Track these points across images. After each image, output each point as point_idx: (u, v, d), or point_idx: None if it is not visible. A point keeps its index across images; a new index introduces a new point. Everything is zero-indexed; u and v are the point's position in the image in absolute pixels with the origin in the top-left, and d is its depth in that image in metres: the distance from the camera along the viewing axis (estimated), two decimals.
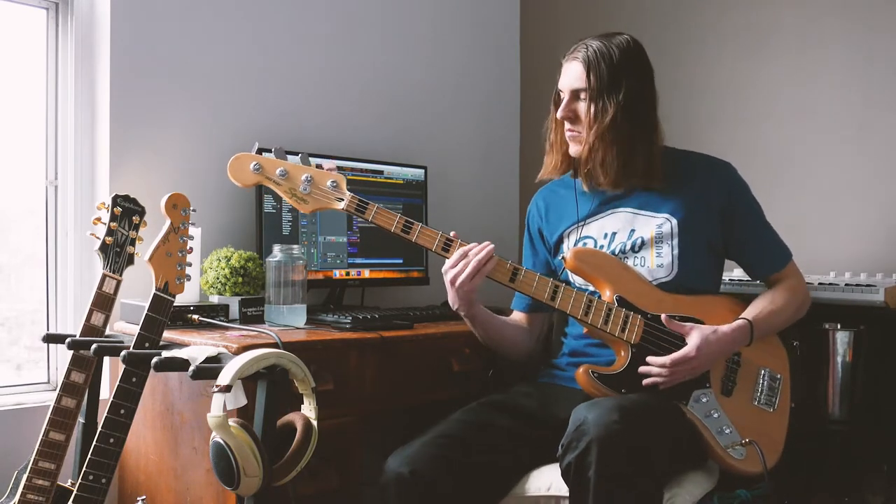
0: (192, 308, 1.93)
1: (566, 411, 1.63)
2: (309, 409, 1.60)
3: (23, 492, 1.67)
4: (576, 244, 1.88)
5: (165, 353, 1.58)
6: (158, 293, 1.66)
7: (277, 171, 1.70)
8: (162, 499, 1.90)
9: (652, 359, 1.69)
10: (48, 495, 1.68)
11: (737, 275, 2.16)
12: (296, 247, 2.03)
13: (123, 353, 1.61)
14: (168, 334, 1.77)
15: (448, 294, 1.78)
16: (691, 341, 1.68)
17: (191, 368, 1.51)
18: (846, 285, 1.99)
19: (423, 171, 2.58)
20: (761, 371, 1.80)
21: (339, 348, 1.84)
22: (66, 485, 1.71)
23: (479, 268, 1.71)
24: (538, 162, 1.96)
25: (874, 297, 1.94)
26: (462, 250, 1.73)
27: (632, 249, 1.82)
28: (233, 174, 1.70)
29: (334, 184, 1.72)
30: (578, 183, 1.91)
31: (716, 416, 1.72)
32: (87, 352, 1.68)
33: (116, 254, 1.73)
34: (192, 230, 1.75)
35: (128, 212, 1.75)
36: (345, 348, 1.85)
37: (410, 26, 2.78)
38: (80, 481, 1.62)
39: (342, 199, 1.72)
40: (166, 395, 1.89)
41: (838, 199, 2.35)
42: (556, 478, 1.66)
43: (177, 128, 2.25)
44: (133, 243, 1.75)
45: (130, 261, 1.75)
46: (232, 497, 1.67)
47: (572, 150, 1.84)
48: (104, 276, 1.71)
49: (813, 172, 2.40)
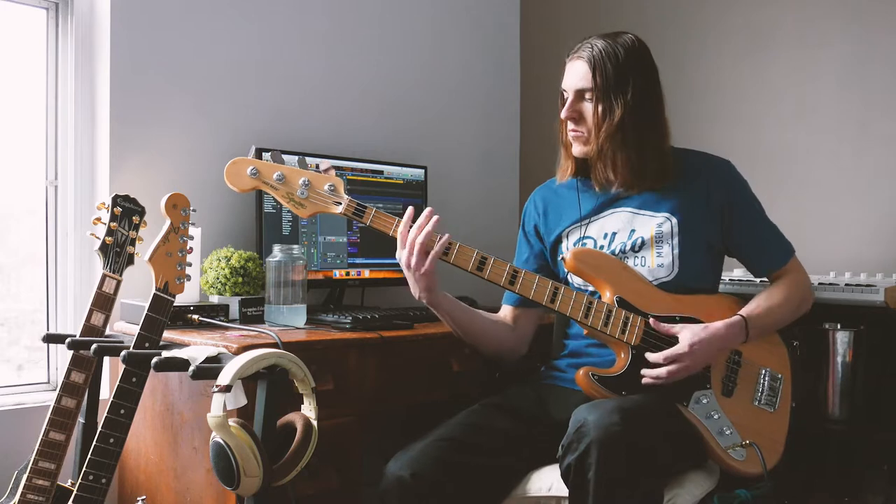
0: (192, 308, 1.93)
1: (566, 413, 1.62)
2: (309, 409, 1.60)
3: (23, 492, 1.67)
4: (575, 244, 1.88)
5: (165, 353, 1.57)
6: (158, 293, 1.66)
7: (274, 176, 1.69)
8: (162, 499, 1.90)
9: (649, 355, 1.69)
10: (48, 495, 1.68)
11: (737, 275, 2.16)
12: (296, 247, 2.03)
13: (123, 353, 1.61)
14: (168, 334, 1.77)
15: (410, 284, 1.78)
16: (682, 339, 1.68)
17: (191, 368, 1.51)
18: (846, 285, 1.99)
19: (423, 171, 2.58)
20: (762, 371, 1.80)
21: (339, 348, 1.84)
22: (66, 485, 1.71)
23: (424, 248, 1.70)
24: (538, 162, 1.97)
25: (874, 297, 1.94)
26: (401, 233, 1.73)
27: (632, 249, 1.82)
28: (230, 179, 1.69)
29: (332, 187, 1.71)
30: (580, 182, 1.91)
31: (716, 417, 1.71)
32: (87, 352, 1.68)
33: (116, 254, 1.73)
34: (192, 230, 1.75)
35: (128, 212, 1.75)
36: (345, 348, 1.85)
37: (410, 26, 2.78)
38: (80, 481, 1.62)
39: (340, 203, 1.71)
40: (166, 395, 1.89)
41: (838, 199, 2.35)
42: (557, 479, 1.65)
43: (177, 128, 2.25)
44: (133, 243, 1.75)
45: (130, 261, 1.75)
46: (232, 497, 1.67)
47: (575, 150, 1.84)
48: (104, 276, 1.71)
49: (813, 172, 2.40)
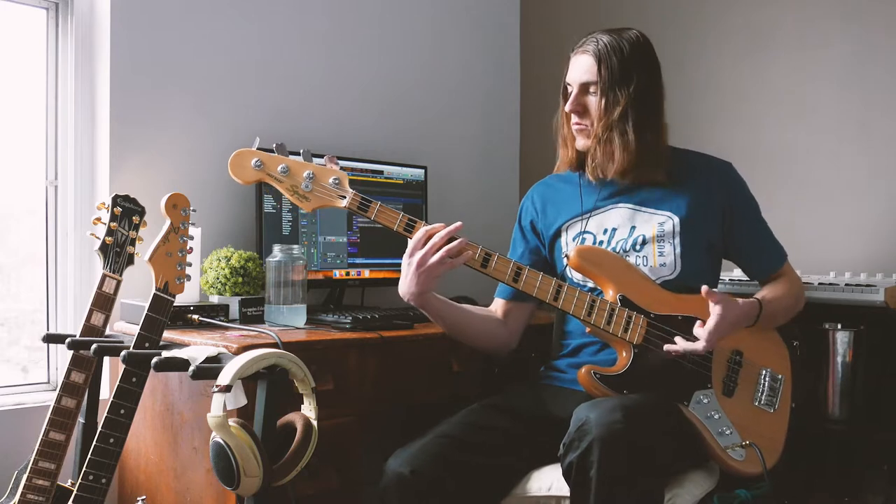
0: (192, 308, 1.93)
1: (567, 412, 1.62)
2: (309, 409, 1.60)
3: (23, 492, 1.67)
4: (575, 238, 1.88)
5: (165, 353, 1.57)
6: (158, 293, 1.66)
7: (279, 168, 1.68)
8: (162, 499, 1.90)
9: (681, 342, 1.68)
10: (48, 495, 1.68)
11: (737, 275, 2.16)
12: (296, 247, 2.03)
13: (123, 353, 1.61)
14: (168, 334, 1.77)
15: (404, 280, 1.74)
16: (715, 311, 1.66)
17: (191, 368, 1.51)
18: (846, 285, 1.99)
19: (423, 171, 2.58)
20: (762, 371, 1.80)
21: (339, 348, 1.84)
22: (66, 485, 1.71)
23: (448, 254, 1.69)
24: (538, 162, 1.97)
25: (874, 297, 1.94)
26: (428, 229, 1.71)
27: (633, 247, 1.82)
28: (233, 170, 1.67)
29: (336, 181, 1.70)
30: (581, 176, 1.91)
31: (716, 416, 1.71)
32: (87, 352, 1.68)
33: (116, 254, 1.73)
34: (192, 230, 1.75)
35: (128, 212, 1.75)
36: (345, 348, 1.85)
37: (410, 26, 2.78)
38: (80, 481, 1.62)
39: (344, 197, 1.70)
40: (166, 395, 1.89)
41: (838, 200, 2.35)
42: (557, 478, 1.66)
43: (177, 128, 2.25)
44: (133, 243, 1.75)
45: (130, 261, 1.75)
46: (232, 497, 1.67)
47: (579, 144, 1.84)
48: (104, 276, 1.71)
49: (813, 172, 2.40)
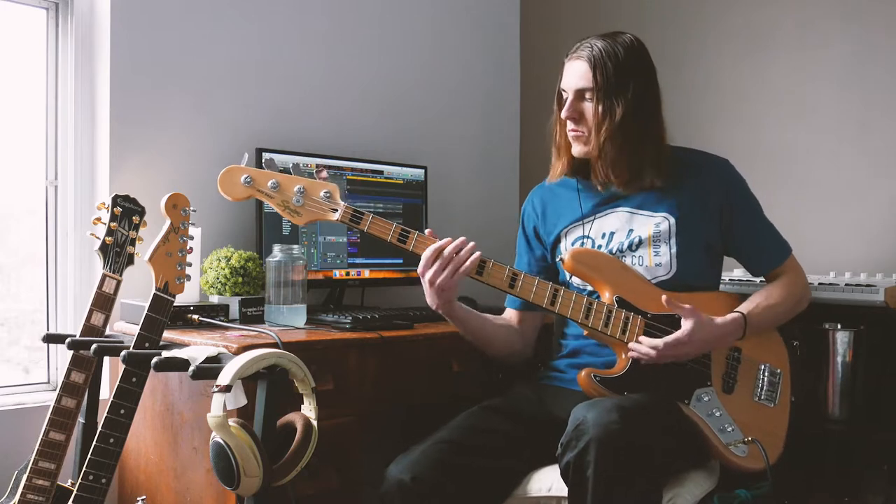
0: (192, 308, 1.93)
1: (566, 412, 1.62)
2: (309, 409, 1.60)
3: (23, 492, 1.67)
4: (574, 243, 1.88)
5: (165, 353, 1.58)
6: (158, 293, 1.66)
7: (269, 184, 1.67)
8: (162, 499, 1.90)
9: (644, 339, 1.68)
10: (48, 495, 1.68)
11: (737, 274, 2.16)
12: (296, 247, 2.03)
13: (123, 353, 1.61)
14: (168, 334, 1.77)
15: (426, 294, 1.75)
16: (686, 326, 1.67)
17: (191, 368, 1.51)
18: (846, 285, 1.99)
19: (423, 171, 2.58)
20: (761, 367, 1.80)
21: (339, 348, 1.84)
22: (66, 485, 1.71)
23: (458, 267, 1.69)
24: (538, 162, 1.97)
25: (874, 297, 1.94)
26: (435, 248, 1.71)
27: (629, 248, 1.82)
28: (223, 188, 1.66)
29: (328, 194, 1.70)
30: (579, 182, 1.91)
31: (717, 414, 1.72)
32: (87, 352, 1.68)
33: (116, 254, 1.73)
34: (192, 230, 1.75)
35: (128, 212, 1.75)
36: (345, 348, 1.85)
37: (410, 26, 2.78)
38: (80, 481, 1.62)
39: (336, 210, 1.70)
40: (166, 395, 1.89)
41: (838, 199, 2.35)
42: (557, 479, 1.65)
43: (177, 128, 2.25)
44: (133, 243, 1.75)
45: (130, 261, 1.75)
46: (232, 497, 1.67)
47: (575, 150, 1.84)
48: (104, 276, 1.71)
49: (813, 172, 2.40)
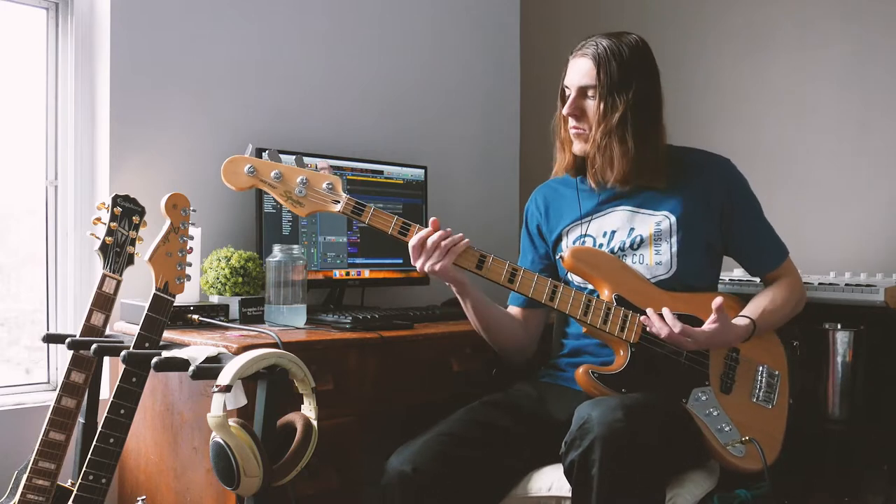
0: (192, 308, 1.93)
1: (566, 411, 1.63)
2: (309, 409, 1.60)
3: (23, 492, 1.67)
4: (575, 242, 1.88)
5: (165, 353, 1.57)
6: (158, 293, 1.66)
7: (272, 174, 1.68)
8: (162, 499, 1.90)
9: (668, 314, 1.67)
10: (48, 495, 1.68)
11: (737, 275, 2.16)
12: (296, 247, 2.03)
13: (123, 353, 1.61)
14: (168, 334, 1.77)
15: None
16: (710, 327, 1.67)
17: (191, 368, 1.51)
18: (846, 285, 1.99)
19: (423, 171, 2.58)
20: (759, 368, 1.80)
21: (339, 348, 1.84)
22: (66, 485, 1.71)
23: (445, 253, 1.71)
24: (538, 162, 1.97)
25: (874, 297, 1.94)
26: (419, 238, 1.73)
27: (630, 247, 1.82)
28: (227, 177, 1.68)
29: (330, 186, 1.71)
30: (580, 181, 1.91)
31: (715, 413, 1.72)
32: (87, 352, 1.68)
33: (116, 254, 1.73)
34: (192, 230, 1.75)
35: (128, 212, 1.75)
36: (345, 348, 1.85)
37: (410, 26, 2.78)
38: (80, 481, 1.62)
39: (338, 202, 1.71)
40: (166, 395, 1.89)
41: (838, 199, 2.35)
42: (557, 478, 1.66)
43: (177, 127, 2.25)
44: (133, 243, 1.75)
45: (130, 261, 1.75)
46: (232, 497, 1.67)
47: (576, 148, 1.84)
48: (104, 276, 1.71)
49: (813, 172, 2.40)
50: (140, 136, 2.18)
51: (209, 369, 1.51)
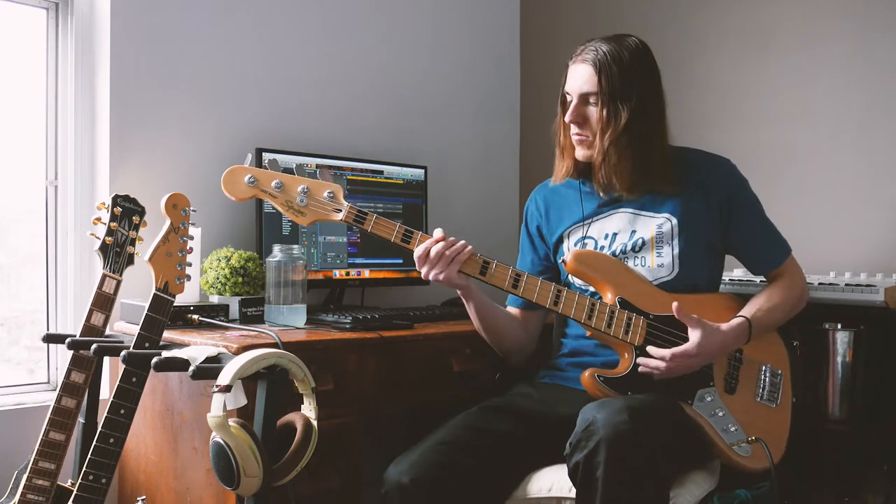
0: (192, 308, 1.93)
1: (567, 411, 1.63)
2: (309, 409, 1.60)
3: (23, 492, 1.67)
4: (576, 245, 1.88)
5: (165, 353, 1.57)
6: (158, 293, 1.66)
7: (273, 184, 1.68)
8: (162, 499, 1.90)
9: (653, 349, 1.68)
10: (48, 495, 1.68)
11: (737, 275, 2.16)
12: (296, 247, 2.03)
13: (123, 353, 1.61)
14: (168, 334, 1.77)
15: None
16: (693, 337, 1.68)
17: (191, 368, 1.51)
18: (846, 285, 1.99)
19: (423, 171, 2.58)
20: (763, 368, 1.80)
21: (338, 348, 1.84)
22: (66, 485, 1.71)
23: (449, 262, 1.71)
24: (538, 162, 1.97)
25: (874, 297, 1.94)
26: (424, 247, 1.72)
27: (632, 250, 1.82)
28: (227, 188, 1.67)
29: (331, 194, 1.70)
30: (581, 183, 1.91)
31: (720, 414, 1.72)
32: (87, 352, 1.68)
33: (116, 254, 1.73)
34: (192, 230, 1.75)
35: (128, 212, 1.75)
36: (345, 348, 1.85)
37: (411, 26, 2.78)
38: (80, 481, 1.62)
39: (340, 210, 1.70)
40: (166, 395, 1.89)
41: (838, 199, 2.35)
42: (557, 479, 1.66)
43: (177, 128, 2.25)
44: (133, 243, 1.75)
45: (130, 261, 1.75)
46: (232, 497, 1.67)
47: (579, 154, 1.83)
48: (104, 276, 1.71)
49: (813, 172, 2.40)
50: (140, 137, 2.18)
51: (209, 369, 1.51)
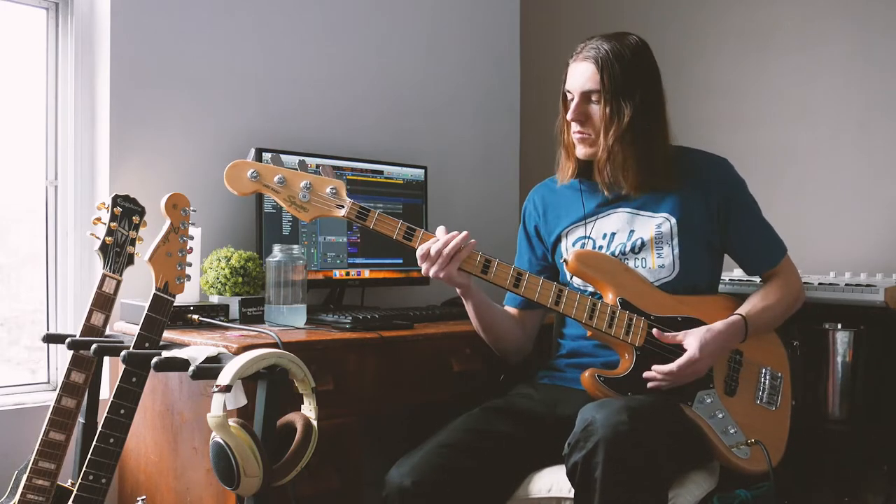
0: (192, 308, 1.93)
1: (567, 412, 1.63)
2: (309, 409, 1.60)
3: (23, 492, 1.67)
4: (575, 244, 1.88)
5: (165, 353, 1.57)
6: (158, 293, 1.66)
7: (276, 179, 1.68)
8: (162, 499, 1.90)
9: (657, 368, 1.68)
10: (48, 495, 1.68)
11: (737, 275, 2.16)
12: (296, 247, 2.03)
13: (123, 353, 1.61)
14: (168, 334, 1.77)
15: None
16: (690, 345, 1.68)
17: (191, 368, 1.51)
18: (846, 285, 1.99)
19: (423, 171, 2.58)
20: (762, 370, 1.80)
21: (338, 348, 1.84)
22: (66, 485, 1.71)
23: (449, 260, 1.70)
24: (538, 162, 1.97)
25: (874, 297, 1.94)
26: (425, 247, 1.71)
27: (632, 251, 1.82)
28: (230, 183, 1.66)
29: (334, 190, 1.70)
30: (582, 182, 1.90)
31: (720, 416, 1.72)
32: (87, 352, 1.68)
33: (116, 254, 1.73)
34: (192, 230, 1.75)
35: (128, 212, 1.75)
36: (345, 348, 1.85)
37: (411, 26, 2.78)
38: (80, 481, 1.62)
39: (342, 206, 1.70)
40: (166, 395, 1.89)
41: (838, 199, 2.35)
42: (557, 479, 1.66)
43: (177, 128, 2.25)
44: (133, 243, 1.75)
45: (130, 261, 1.75)
46: (232, 497, 1.67)
47: (580, 152, 1.83)
48: (104, 276, 1.71)
49: (813, 172, 2.40)
50: (140, 137, 2.18)
51: (209, 369, 1.51)
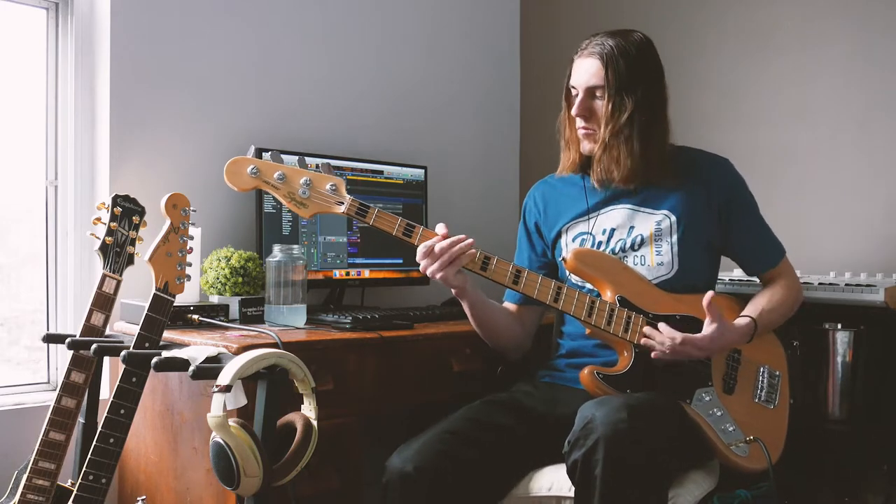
0: (192, 308, 1.93)
1: (567, 410, 1.63)
2: (309, 409, 1.60)
3: (23, 492, 1.67)
4: (574, 240, 1.88)
5: (165, 353, 1.57)
6: (158, 293, 1.66)
7: (275, 175, 1.68)
8: (162, 499, 1.90)
9: (664, 326, 1.68)
10: (48, 495, 1.68)
11: (737, 275, 2.16)
12: (296, 247, 2.03)
13: (123, 353, 1.61)
14: (168, 334, 1.77)
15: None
16: (708, 330, 1.67)
17: (191, 368, 1.51)
18: (846, 285, 1.99)
19: (423, 171, 2.58)
20: (761, 369, 1.81)
21: (338, 348, 1.84)
22: (66, 485, 1.71)
23: (451, 261, 1.70)
24: (538, 161, 1.97)
25: (874, 297, 1.95)
26: (427, 245, 1.71)
27: (631, 247, 1.82)
28: (229, 178, 1.67)
29: (333, 187, 1.71)
30: (584, 178, 1.91)
31: (718, 413, 1.72)
32: (87, 352, 1.68)
33: (116, 254, 1.73)
34: (192, 230, 1.75)
35: (128, 212, 1.75)
36: (345, 348, 1.85)
37: (410, 26, 2.78)
38: (80, 481, 1.62)
39: (342, 203, 1.70)
40: (166, 395, 1.89)
41: (838, 199, 2.35)
42: (558, 478, 1.66)
43: (177, 128, 2.25)
44: (133, 243, 1.75)
45: (130, 261, 1.75)
46: (232, 497, 1.67)
47: (584, 148, 1.84)
48: (104, 276, 1.71)
49: (813, 172, 2.40)
50: (140, 137, 2.18)
51: (209, 369, 1.51)
